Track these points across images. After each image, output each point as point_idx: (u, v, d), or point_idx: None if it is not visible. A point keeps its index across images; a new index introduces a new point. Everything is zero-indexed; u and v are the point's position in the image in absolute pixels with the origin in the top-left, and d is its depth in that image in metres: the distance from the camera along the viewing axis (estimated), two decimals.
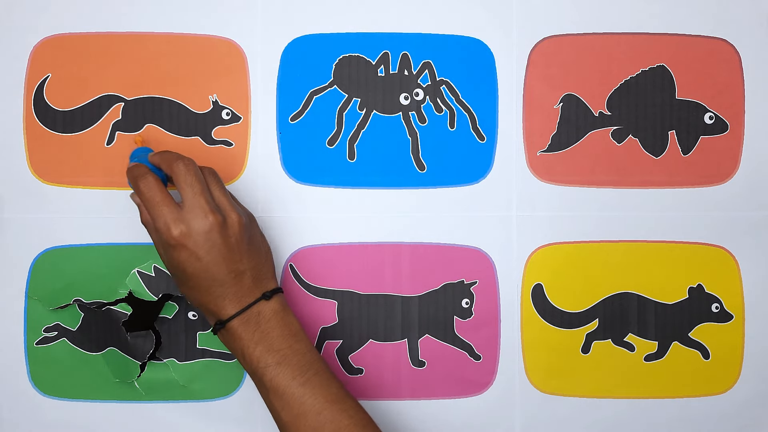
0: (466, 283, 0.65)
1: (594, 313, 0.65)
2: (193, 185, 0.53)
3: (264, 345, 0.54)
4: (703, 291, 0.65)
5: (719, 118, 0.65)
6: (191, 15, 0.64)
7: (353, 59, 0.64)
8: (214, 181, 0.56)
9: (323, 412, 0.52)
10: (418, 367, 0.65)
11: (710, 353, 0.65)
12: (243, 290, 0.55)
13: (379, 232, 0.64)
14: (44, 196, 0.63)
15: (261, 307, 0.55)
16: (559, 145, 0.65)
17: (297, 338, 0.55)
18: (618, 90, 0.65)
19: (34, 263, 0.63)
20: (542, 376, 0.65)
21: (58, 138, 0.63)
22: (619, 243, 0.65)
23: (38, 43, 0.63)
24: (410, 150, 0.64)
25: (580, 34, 0.65)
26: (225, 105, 0.64)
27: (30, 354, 0.64)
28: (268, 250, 0.60)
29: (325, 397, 0.53)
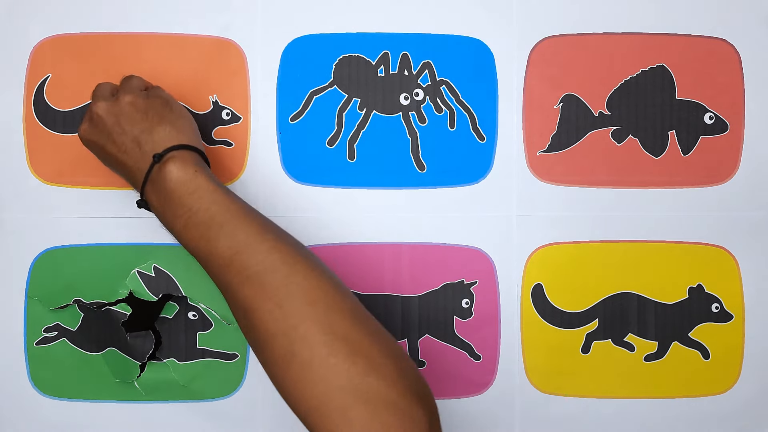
0: (466, 283, 0.65)
1: (594, 313, 0.65)
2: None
3: (170, 211, 0.50)
4: (703, 291, 0.65)
5: (719, 118, 0.65)
6: (191, 15, 0.64)
7: (353, 59, 0.64)
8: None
9: (232, 264, 0.47)
10: (418, 367, 0.65)
11: (710, 353, 0.65)
12: (139, 159, 0.52)
13: (379, 232, 0.64)
14: (44, 196, 0.63)
15: (158, 173, 0.51)
16: (559, 145, 0.65)
17: (196, 195, 0.50)
18: (618, 90, 0.65)
19: (34, 263, 0.63)
20: (542, 376, 0.65)
21: (58, 138, 0.63)
22: (619, 243, 0.65)
23: (38, 43, 0.63)
24: (410, 150, 0.64)
25: (580, 34, 0.65)
26: (225, 105, 0.64)
27: (30, 354, 0.64)
28: (180, 114, 0.56)
29: (233, 248, 0.47)
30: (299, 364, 0.43)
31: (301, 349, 0.43)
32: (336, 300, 0.45)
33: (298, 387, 0.43)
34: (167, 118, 0.54)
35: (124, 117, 0.53)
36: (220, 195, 0.50)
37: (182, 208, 0.50)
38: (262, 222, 0.49)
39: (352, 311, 0.45)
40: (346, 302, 0.46)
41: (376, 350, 0.43)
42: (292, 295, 0.44)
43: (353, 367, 0.42)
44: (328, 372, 0.42)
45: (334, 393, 0.41)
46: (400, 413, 0.40)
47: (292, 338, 0.43)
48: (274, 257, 0.46)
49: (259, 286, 0.45)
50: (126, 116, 0.53)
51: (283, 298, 0.44)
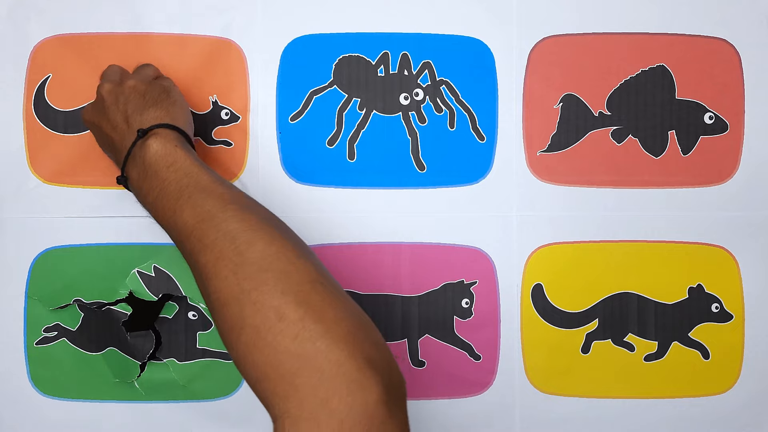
0: (466, 283, 0.65)
1: (594, 313, 0.65)
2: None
3: (147, 185, 0.50)
4: (703, 291, 0.65)
5: (719, 118, 0.65)
6: (191, 15, 0.64)
7: (353, 59, 0.64)
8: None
9: (194, 233, 0.46)
10: (418, 367, 0.65)
11: (710, 353, 0.65)
12: (125, 136, 0.53)
13: (379, 232, 0.64)
14: (44, 196, 0.63)
15: (140, 148, 0.52)
16: (559, 145, 0.65)
17: (172, 168, 0.50)
18: (618, 90, 0.65)
19: (34, 263, 0.63)
20: (542, 376, 0.65)
21: (58, 138, 0.63)
22: (619, 243, 0.65)
23: (39, 43, 0.63)
24: (410, 150, 0.64)
25: (580, 34, 0.65)
26: (225, 105, 0.64)
27: (30, 354, 0.64)
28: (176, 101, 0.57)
29: (197, 218, 0.46)
30: (250, 330, 0.41)
31: (252, 314, 0.41)
32: (296, 266, 0.43)
33: (249, 354, 0.41)
34: (162, 103, 0.55)
35: (123, 98, 0.55)
36: (195, 168, 0.50)
37: (157, 179, 0.50)
38: (230, 193, 0.48)
39: (310, 277, 0.43)
40: (306, 268, 0.44)
41: (331, 315, 0.41)
42: (248, 262, 0.43)
43: (303, 331, 0.40)
44: (277, 337, 0.40)
45: (283, 358, 0.39)
46: (349, 380, 0.38)
47: (243, 303, 0.42)
48: (234, 226, 0.45)
49: (217, 253, 0.44)
50: (124, 97, 0.55)
51: (238, 264, 0.43)
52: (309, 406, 0.38)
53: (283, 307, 0.41)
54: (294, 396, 0.39)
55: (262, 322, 0.41)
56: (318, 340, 0.39)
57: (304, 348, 0.39)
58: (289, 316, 0.40)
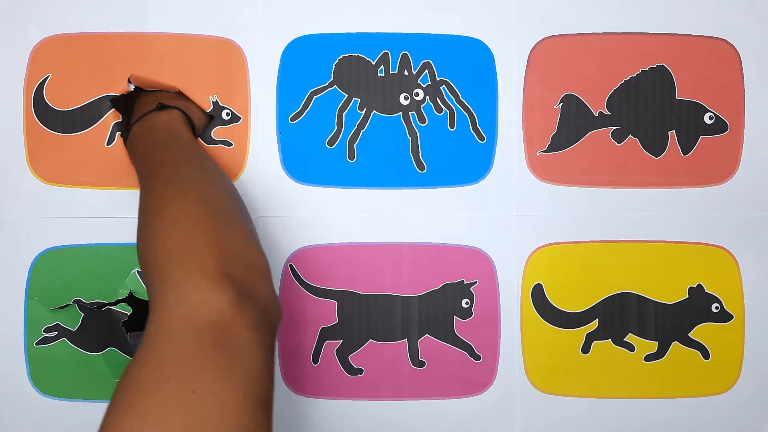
0: (466, 283, 0.65)
1: (594, 313, 0.65)
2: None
3: (146, 136, 0.58)
4: (703, 291, 0.65)
5: (719, 118, 0.65)
6: (191, 15, 0.64)
7: (353, 59, 0.64)
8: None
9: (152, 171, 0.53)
10: (418, 367, 0.65)
11: (710, 353, 0.65)
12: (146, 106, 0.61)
13: (379, 232, 0.64)
14: (44, 196, 0.63)
15: (155, 116, 0.59)
16: (559, 145, 0.65)
17: (170, 132, 0.57)
18: (618, 90, 0.65)
19: (34, 263, 0.63)
20: (542, 376, 0.65)
21: (58, 138, 0.63)
22: (619, 243, 0.65)
23: (38, 43, 0.63)
24: (410, 150, 0.64)
25: (580, 34, 0.65)
26: (225, 105, 0.64)
27: (30, 354, 0.64)
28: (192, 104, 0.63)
29: (159, 162, 0.53)
30: (146, 229, 0.48)
31: (153, 219, 0.48)
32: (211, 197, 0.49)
33: (142, 251, 0.47)
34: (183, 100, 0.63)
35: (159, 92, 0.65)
36: (187, 137, 0.57)
37: (154, 135, 0.57)
38: (197, 153, 0.55)
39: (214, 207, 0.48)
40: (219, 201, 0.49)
41: (212, 227, 0.46)
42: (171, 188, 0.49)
43: (183, 236, 0.45)
44: (159, 237, 0.46)
45: (160, 256, 0.44)
46: (206, 281, 0.41)
47: (150, 211, 0.49)
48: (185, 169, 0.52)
49: (162, 183, 0.50)
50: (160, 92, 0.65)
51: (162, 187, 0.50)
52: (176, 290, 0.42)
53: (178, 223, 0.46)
54: (161, 297, 0.42)
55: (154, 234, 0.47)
56: (191, 252, 0.44)
57: (180, 254, 0.44)
58: (177, 224, 0.46)
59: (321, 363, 0.65)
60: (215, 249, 0.44)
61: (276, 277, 0.64)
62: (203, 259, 0.43)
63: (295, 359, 0.65)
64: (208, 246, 0.44)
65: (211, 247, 0.44)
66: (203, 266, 0.42)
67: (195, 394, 0.36)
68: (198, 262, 0.42)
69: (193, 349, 0.39)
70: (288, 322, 0.64)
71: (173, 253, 0.44)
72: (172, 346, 0.39)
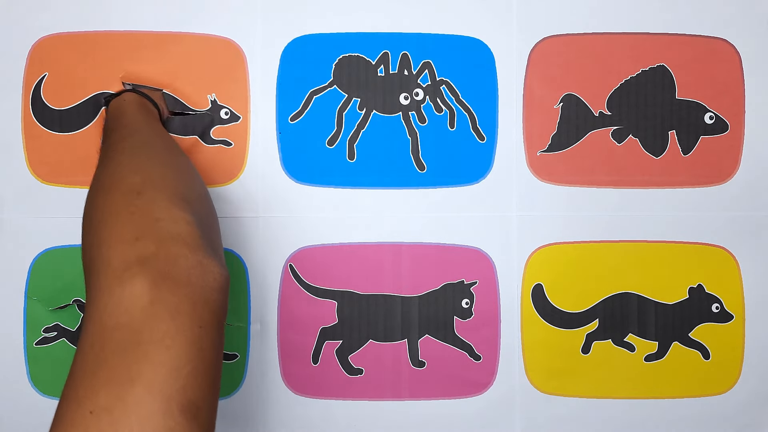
0: (466, 283, 0.65)
1: (594, 314, 0.65)
2: None
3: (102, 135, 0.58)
4: (704, 291, 0.65)
5: (719, 118, 0.65)
6: (191, 14, 0.63)
7: (353, 59, 0.64)
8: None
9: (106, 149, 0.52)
10: (418, 367, 0.65)
11: (710, 353, 0.65)
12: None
13: (379, 232, 0.64)
14: (44, 196, 0.63)
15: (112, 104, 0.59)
16: (559, 145, 0.65)
17: (119, 121, 0.56)
18: (618, 90, 0.65)
19: (34, 263, 0.63)
20: (542, 376, 0.65)
21: (56, 137, 0.63)
22: (619, 243, 0.65)
23: (36, 41, 0.63)
24: (410, 150, 0.64)
25: (580, 34, 0.64)
26: (224, 104, 0.64)
27: (30, 354, 0.64)
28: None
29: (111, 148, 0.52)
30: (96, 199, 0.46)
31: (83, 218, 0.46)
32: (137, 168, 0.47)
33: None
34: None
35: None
36: (125, 116, 0.57)
37: (104, 129, 0.57)
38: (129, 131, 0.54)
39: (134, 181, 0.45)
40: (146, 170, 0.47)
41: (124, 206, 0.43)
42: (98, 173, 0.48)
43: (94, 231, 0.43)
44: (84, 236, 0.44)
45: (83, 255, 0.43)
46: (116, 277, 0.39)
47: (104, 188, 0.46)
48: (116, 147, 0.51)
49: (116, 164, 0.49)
50: None
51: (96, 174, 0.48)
52: (91, 296, 0.39)
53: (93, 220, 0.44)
54: (87, 297, 0.40)
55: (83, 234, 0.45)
56: (102, 245, 0.41)
57: (93, 254, 0.41)
58: (93, 224, 0.43)
59: (321, 363, 0.65)
60: (122, 235, 0.40)
61: (276, 277, 0.64)
62: (108, 254, 0.40)
63: (295, 359, 0.65)
64: (116, 234, 0.41)
65: (118, 236, 0.41)
66: (107, 262, 0.39)
67: (93, 414, 0.34)
68: (103, 260, 0.39)
69: (93, 362, 0.36)
70: (288, 322, 0.64)
71: (86, 251, 0.42)
72: (78, 362, 0.37)
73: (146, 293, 0.37)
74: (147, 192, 0.44)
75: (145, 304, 0.37)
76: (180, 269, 0.39)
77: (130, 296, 0.37)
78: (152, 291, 0.38)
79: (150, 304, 0.37)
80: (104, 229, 0.42)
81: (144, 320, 0.37)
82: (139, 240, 0.40)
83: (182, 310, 0.38)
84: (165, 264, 0.39)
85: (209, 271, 0.41)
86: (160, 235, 0.41)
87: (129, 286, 0.38)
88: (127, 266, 0.38)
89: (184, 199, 0.45)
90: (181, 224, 0.42)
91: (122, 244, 0.40)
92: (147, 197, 0.44)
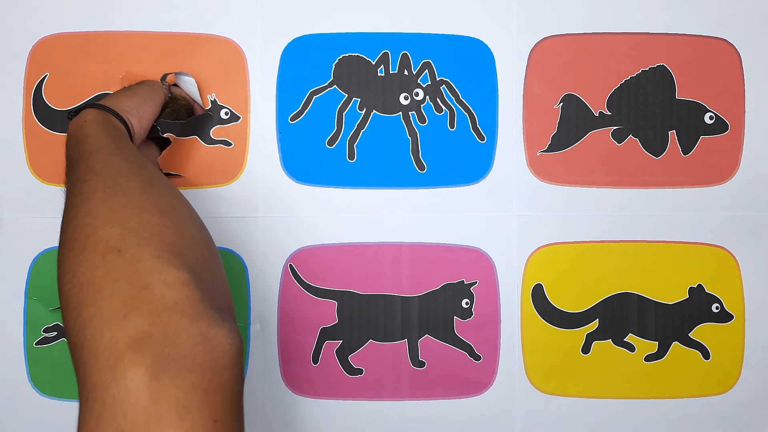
0: (466, 283, 0.65)
1: (594, 314, 0.65)
2: None
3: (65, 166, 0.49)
4: (704, 291, 0.65)
5: (719, 118, 0.64)
6: (191, 15, 0.64)
7: (353, 59, 0.64)
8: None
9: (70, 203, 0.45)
10: (418, 367, 0.65)
11: (710, 353, 0.65)
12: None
13: (379, 232, 0.64)
14: (44, 196, 0.63)
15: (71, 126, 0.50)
16: (559, 145, 0.65)
17: (75, 147, 0.48)
18: (618, 90, 0.65)
19: (34, 263, 0.63)
20: (542, 376, 0.65)
21: (57, 138, 0.63)
22: (619, 243, 0.65)
23: (37, 42, 0.63)
24: (410, 150, 0.64)
25: (580, 34, 0.65)
26: (224, 104, 0.64)
27: (30, 354, 0.64)
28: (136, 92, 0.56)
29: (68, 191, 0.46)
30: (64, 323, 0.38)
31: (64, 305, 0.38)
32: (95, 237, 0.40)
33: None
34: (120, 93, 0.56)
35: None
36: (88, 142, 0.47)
37: (66, 159, 0.48)
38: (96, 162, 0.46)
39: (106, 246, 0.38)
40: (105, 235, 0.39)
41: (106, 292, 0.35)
42: (64, 241, 0.41)
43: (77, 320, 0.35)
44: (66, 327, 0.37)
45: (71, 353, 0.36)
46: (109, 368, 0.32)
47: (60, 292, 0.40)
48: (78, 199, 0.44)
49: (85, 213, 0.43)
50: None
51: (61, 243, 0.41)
52: (84, 394, 0.33)
53: (69, 292, 0.37)
54: (79, 393, 0.34)
55: (62, 313, 0.37)
56: (86, 329, 0.34)
57: (78, 339, 0.34)
58: (71, 302, 0.36)
59: (321, 363, 0.65)
60: (107, 313, 0.34)
61: (276, 277, 0.64)
62: (94, 339, 0.33)
63: (295, 359, 0.65)
64: (101, 312, 0.34)
65: (103, 314, 0.34)
66: (95, 350, 0.32)
67: None
68: (90, 347, 0.33)
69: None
70: (288, 322, 0.64)
71: (69, 334, 0.35)
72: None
73: (145, 388, 0.31)
74: (129, 249, 0.37)
75: (145, 403, 0.31)
76: (182, 349, 0.33)
77: (126, 394, 0.31)
78: (152, 385, 0.31)
79: (152, 404, 0.31)
80: (85, 306, 0.35)
81: (147, 425, 0.31)
82: (128, 317, 0.33)
83: (192, 405, 0.32)
84: (162, 345, 0.32)
85: (218, 345, 0.34)
86: (151, 307, 0.34)
87: (123, 380, 0.31)
88: (119, 355, 0.32)
89: (173, 250, 0.38)
90: (175, 288, 0.35)
91: (108, 325, 0.33)
92: (129, 256, 0.37)
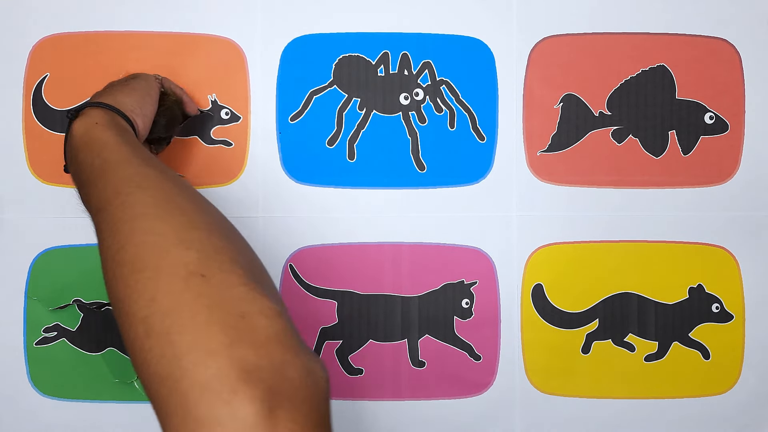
0: (466, 283, 0.65)
1: (594, 314, 0.65)
2: None
3: (74, 170, 0.46)
4: (704, 291, 0.65)
5: (719, 118, 0.64)
6: (191, 15, 0.64)
7: (353, 59, 0.64)
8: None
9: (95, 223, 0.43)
10: (418, 367, 0.65)
11: (710, 353, 0.65)
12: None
13: (379, 232, 0.64)
14: (44, 196, 0.63)
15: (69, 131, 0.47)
16: (559, 145, 0.65)
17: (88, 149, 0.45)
18: (618, 90, 0.65)
19: (34, 263, 0.63)
20: (542, 376, 0.65)
21: (57, 138, 0.63)
22: (619, 243, 0.65)
23: (37, 42, 0.63)
24: (410, 150, 0.64)
25: (580, 34, 0.64)
26: (224, 104, 0.64)
27: (30, 354, 0.64)
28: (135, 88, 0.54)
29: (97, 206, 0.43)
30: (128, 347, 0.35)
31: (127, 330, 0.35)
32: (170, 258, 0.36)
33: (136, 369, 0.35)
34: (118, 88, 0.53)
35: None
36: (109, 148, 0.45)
37: (79, 165, 0.45)
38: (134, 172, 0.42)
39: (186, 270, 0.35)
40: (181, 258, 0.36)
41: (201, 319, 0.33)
42: (122, 263, 0.37)
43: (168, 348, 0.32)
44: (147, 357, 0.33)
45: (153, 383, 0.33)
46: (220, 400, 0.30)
47: (119, 316, 0.36)
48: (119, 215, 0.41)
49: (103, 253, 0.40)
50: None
51: (116, 266, 0.38)
52: (173, 426, 0.31)
53: (150, 318, 0.33)
54: (168, 425, 0.31)
55: (134, 340, 0.34)
56: (183, 358, 0.31)
57: (169, 369, 0.32)
58: (155, 328, 0.33)
59: None
60: (208, 341, 0.31)
61: (276, 277, 0.64)
62: (196, 370, 0.30)
63: None
64: (200, 340, 0.31)
65: (203, 342, 0.31)
66: (196, 380, 0.30)
67: None
68: (189, 377, 0.30)
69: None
70: None
71: (148, 364, 0.32)
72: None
73: (262, 422, 0.29)
74: (214, 275, 0.34)
75: (265, 426, 0.29)
76: (292, 382, 0.31)
77: (243, 425, 0.29)
78: (269, 419, 0.29)
79: (273, 427, 0.29)
80: (178, 333, 0.32)
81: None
82: (233, 347, 0.31)
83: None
84: (273, 377, 0.30)
85: (319, 378, 0.32)
86: (254, 338, 0.32)
87: (241, 413, 0.29)
88: (232, 387, 0.29)
89: (254, 278, 0.36)
90: (272, 318, 0.33)
91: (214, 356, 0.30)
92: (217, 282, 0.34)
